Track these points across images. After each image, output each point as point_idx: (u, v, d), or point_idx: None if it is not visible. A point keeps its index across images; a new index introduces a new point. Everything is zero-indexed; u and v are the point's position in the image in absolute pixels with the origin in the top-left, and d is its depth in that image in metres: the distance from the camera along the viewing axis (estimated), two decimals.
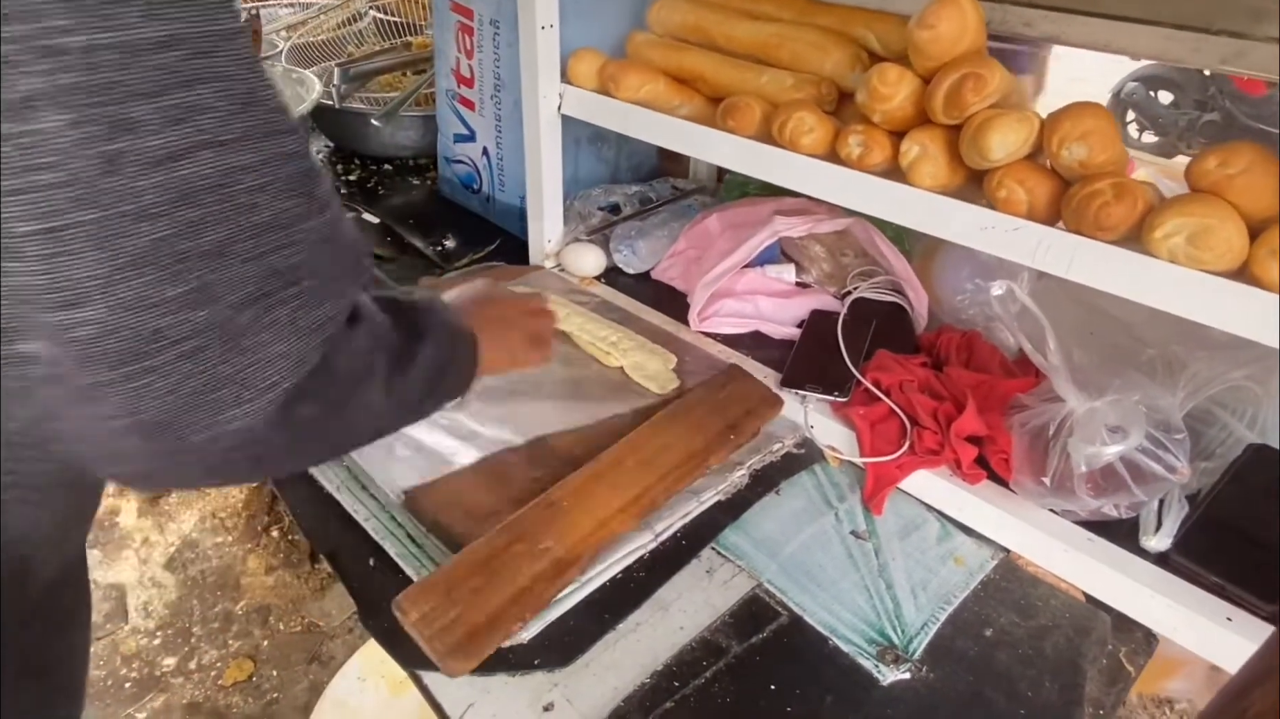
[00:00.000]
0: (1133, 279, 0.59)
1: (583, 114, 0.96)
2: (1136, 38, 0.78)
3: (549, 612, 0.63)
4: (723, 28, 0.89)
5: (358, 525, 0.71)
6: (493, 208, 1.25)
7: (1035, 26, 0.81)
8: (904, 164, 0.70)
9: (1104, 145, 0.61)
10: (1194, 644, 0.64)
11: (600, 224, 1.14)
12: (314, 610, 1.58)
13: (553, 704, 0.58)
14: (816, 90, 0.80)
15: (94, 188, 0.28)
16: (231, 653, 1.51)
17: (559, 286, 1.04)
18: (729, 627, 0.65)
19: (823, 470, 0.81)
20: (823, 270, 1.03)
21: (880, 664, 0.62)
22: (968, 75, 0.64)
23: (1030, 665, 0.63)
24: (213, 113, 0.30)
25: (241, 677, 1.46)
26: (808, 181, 0.76)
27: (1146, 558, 0.68)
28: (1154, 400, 0.68)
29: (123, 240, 0.29)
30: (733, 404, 0.81)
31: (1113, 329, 0.82)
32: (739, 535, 0.73)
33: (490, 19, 1.10)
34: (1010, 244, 0.64)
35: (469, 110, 1.21)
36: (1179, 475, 0.67)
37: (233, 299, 0.32)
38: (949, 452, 0.75)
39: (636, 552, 0.70)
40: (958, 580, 0.70)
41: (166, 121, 0.29)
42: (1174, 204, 0.57)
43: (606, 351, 0.89)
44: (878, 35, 0.82)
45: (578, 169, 1.19)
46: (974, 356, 0.85)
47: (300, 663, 1.50)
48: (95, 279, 0.29)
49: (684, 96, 0.90)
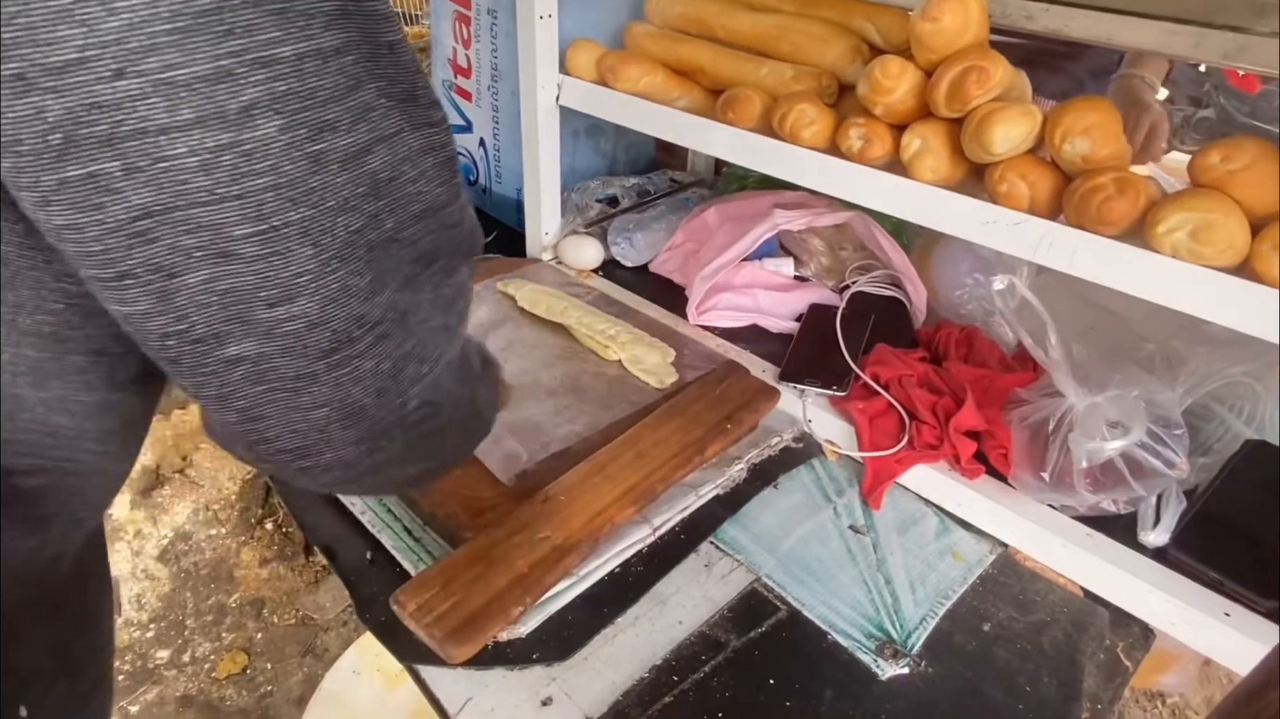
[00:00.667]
0: (1135, 274, 0.59)
1: (581, 105, 0.95)
2: (1138, 31, 0.78)
3: (547, 604, 0.63)
4: (722, 19, 0.88)
5: (354, 518, 0.70)
6: (489, 200, 1.25)
7: (1037, 20, 0.81)
8: (905, 157, 0.69)
9: (1107, 140, 0.61)
10: (1192, 639, 0.64)
11: (598, 216, 1.13)
12: (308, 603, 1.57)
13: (551, 698, 0.58)
14: (817, 82, 0.80)
15: (303, 187, 0.30)
16: (225, 646, 1.50)
17: (556, 279, 1.03)
18: (728, 621, 0.64)
19: (821, 465, 0.80)
20: (821, 264, 1.02)
21: (879, 659, 0.62)
22: (971, 68, 0.64)
23: (1029, 660, 0.63)
24: (381, 110, 0.32)
25: (235, 669, 1.46)
26: (808, 174, 0.76)
27: (1144, 553, 0.68)
28: (1153, 396, 0.68)
29: (328, 235, 0.31)
30: (729, 397, 0.81)
31: (1112, 324, 0.82)
32: (737, 529, 0.73)
33: (488, 8, 1.09)
34: (1012, 238, 0.64)
35: (466, 101, 1.20)
36: (1178, 471, 0.67)
37: (397, 282, 0.34)
38: (948, 446, 0.75)
39: (635, 545, 0.69)
40: (956, 575, 0.70)
41: (353, 120, 0.31)
42: (1176, 199, 0.57)
43: (605, 345, 0.88)
44: (879, 27, 0.81)
45: (575, 161, 1.19)
46: (973, 352, 0.85)
47: (294, 656, 1.49)
48: (306, 273, 0.31)
49: (683, 88, 0.89)
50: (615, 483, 0.70)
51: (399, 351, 0.35)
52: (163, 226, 0.29)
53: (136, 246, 0.29)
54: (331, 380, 0.33)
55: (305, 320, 0.32)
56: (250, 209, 0.29)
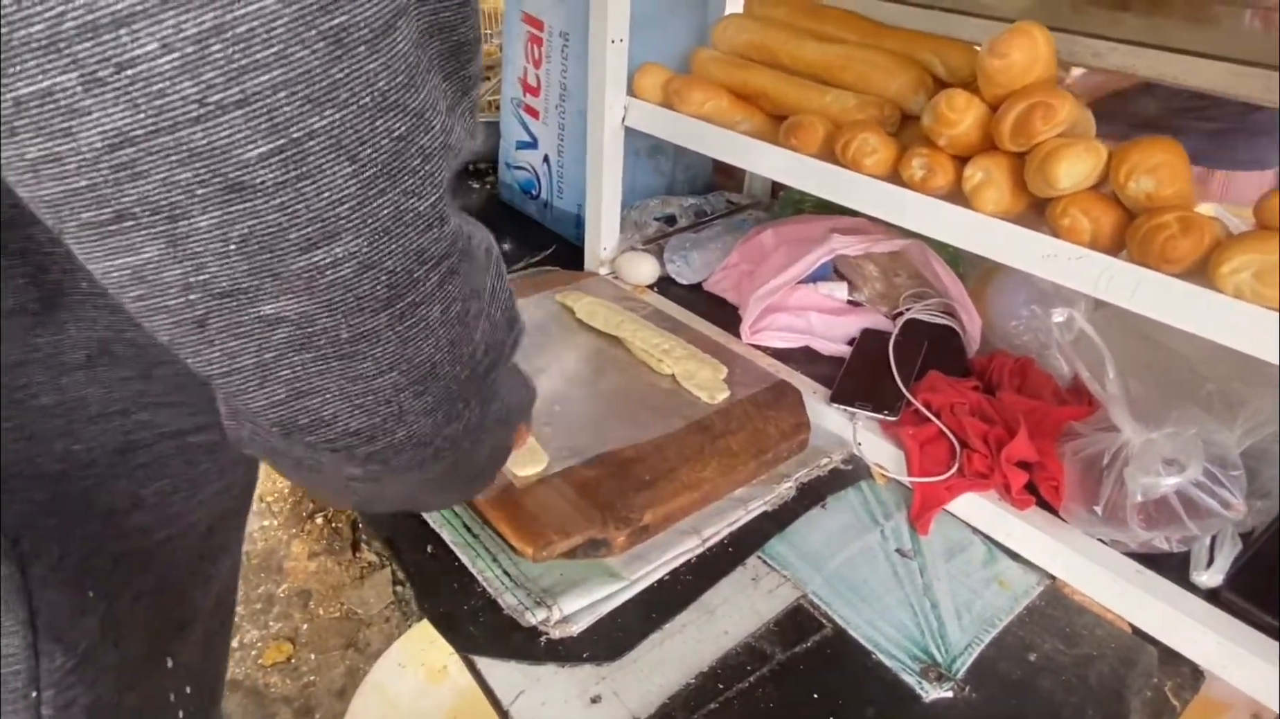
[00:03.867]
0: (1197, 312, 0.59)
1: (647, 126, 0.98)
2: (1206, 72, 0.78)
3: (599, 606, 0.65)
4: (789, 47, 0.91)
5: (415, 513, 0.74)
6: (550, 214, 1.28)
7: (1104, 58, 0.82)
8: (967, 188, 0.71)
9: (1173, 179, 0.62)
10: (1244, 683, 0.63)
11: (655, 234, 1.16)
12: (353, 598, 1.61)
13: (600, 697, 0.60)
14: (880, 112, 0.82)
15: (325, 80, 0.22)
16: (272, 634, 1.55)
17: (612, 293, 1.06)
18: (773, 634, 0.66)
19: (869, 488, 0.81)
20: (875, 290, 1.04)
21: (923, 681, 0.63)
22: (1038, 104, 0.65)
23: (1073, 693, 0.63)
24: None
25: (280, 658, 1.51)
26: (870, 201, 0.77)
27: (1197, 593, 0.67)
28: (1211, 435, 0.68)
29: (368, 146, 0.23)
30: (769, 429, 0.82)
31: (1170, 362, 0.82)
32: (785, 546, 0.74)
33: (560, 31, 1.13)
34: (1073, 272, 0.65)
35: (533, 118, 1.24)
36: (1234, 511, 0.66)
37: (451, 196, 0.28)
38: (998, 475, 0.75)
39: (684, 555, 0.71)
40: (1002, 604, 0.70)
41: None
42: (1242, 240, 0.58)
43: (659, 359, 0.90)
44: (943, 60, 0.83)
45: (635, 180, 1.22)
46: (1026, 383, 0.85)
47: (337, 648, 1.53)
48: (346, 200, 0.24)
49: (746, 113, 0.92)
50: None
51: (465, 289, 0.29)
52: (149, 157, 0.21)
53: (125, 182, 0.22)
54: (398, 335, 0.27)
55: (356, 262, 0.25)
56: (259, 120, 0.22)
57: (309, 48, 0.21)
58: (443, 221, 0.27)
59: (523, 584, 0.66)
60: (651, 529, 0.70)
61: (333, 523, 1.75)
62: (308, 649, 1.54)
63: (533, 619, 0.63)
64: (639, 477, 0.72)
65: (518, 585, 0.66)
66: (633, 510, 0.69)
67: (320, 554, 1.70)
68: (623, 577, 0.67)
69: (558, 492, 0.70)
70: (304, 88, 0.22)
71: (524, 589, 0.66)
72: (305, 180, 0.23)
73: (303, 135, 0.22)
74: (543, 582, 0.67)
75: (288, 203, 0.23)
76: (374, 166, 0.24)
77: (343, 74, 0.22)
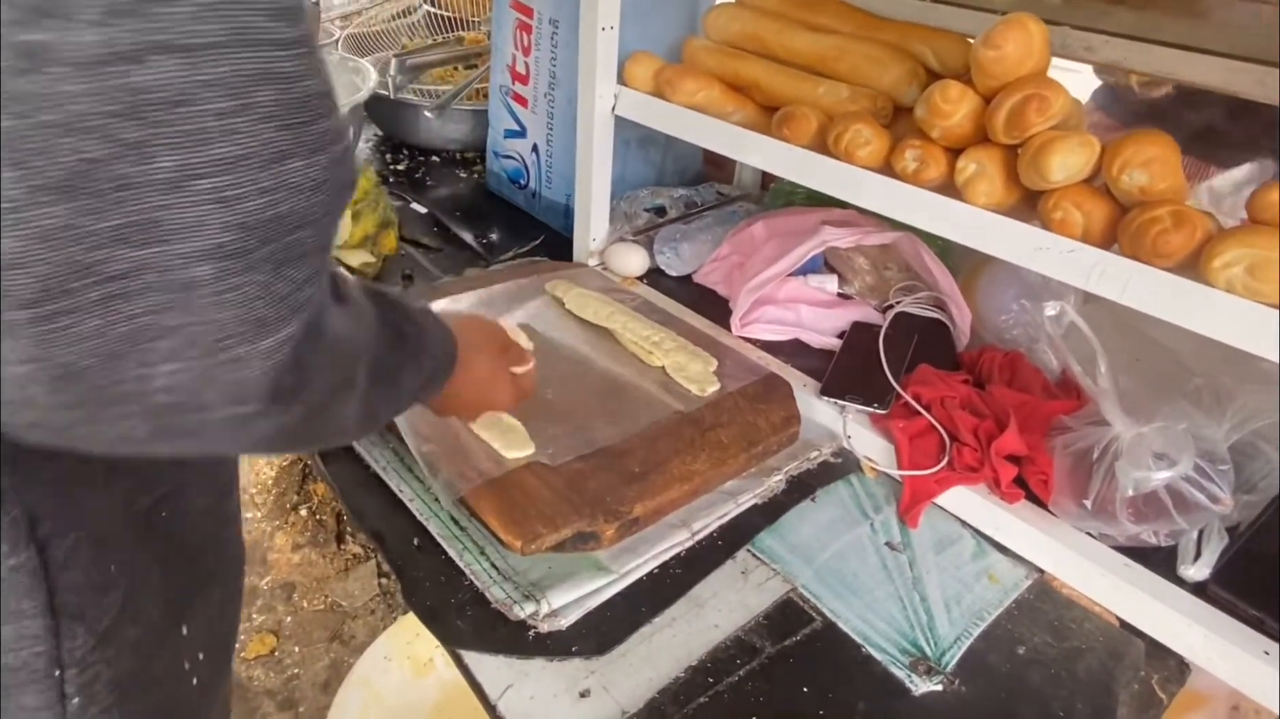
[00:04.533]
0: (1188, 306, 0.59)
1: (637, 116, 0.97)
2: (1199, 67, 0.78)
3: (588, 599, 0.65)
4: (781, 38, 0.90)
5: (403, 506, 0.73)
6: (538, 204, 1.27)
7: (1097, 51, 0.81)
8: (959, 181, 0.70)
9: (1165, 173, 0.62)
10: (1230, 676, 0.64)
11: (645, 225, 1.15)
12: (337, 590, 1.60)
13: (589, 691, 0.59)
14: (873, 103, 0.81)
15: (9, 89, 0.23)
16: (255, 627, 1.54)
17: (601, 284, 1.05)
18: (763, 628, 0.65)
19: (859, 481, 0.81)
20: (865, 282, 1.03)
21: (913, 674, 0.63)
22: (1032, 96, 0.64)
23: (1062, 686, 0.63)
24: (176, 5, 0.24)
25: (264, 651, 1.49)
26: (863, 193, 0.77)
27: (1184, 587, 0.67)
28: (1199, 430, 0.68)
29: (41, 159, 0.24)
30: (760, 422, 0.82)
31: (1159, 356, 0.82)
32: (774, 539, 0.74)
33: (550, 18, 1.12)
34: (1065, 266, 0.64)
35: (521, 107, 1.23)
36: (1222, 506, 0.67)
37: (192, 247, 0.26)
38: (988, 469, 0.75)
39: (673, 548, 0.71)
40: (992, 597, 0.70)
41: (108, 12, 0.23)
42: (1235, 234, 0.58)
43: (649, 351, 0.90)
44: (936, 52, 0.82)
45: (625, 170, 1.21)
46: (1016, 377, 0.85)
47: (321, 641, 1.52)
48: (9, 202, 0.24)
49: (738, 104, 0.91)
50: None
51: (157, 321, 0.27)
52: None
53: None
54: (36, 334, 0.26)
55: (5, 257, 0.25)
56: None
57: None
58: (134, 247, 0.26)
59: (511, 577, 0.66)
60: (641, 522, 0.70)
61: (317, 515, 1.73)
62: (291, 642, 1.52)
63: (521, 613, 0.62)
64: (628, 469, 0.72)
65: (506, 579, 0.66)
66: (622, 503, 0.68)
67: (304, 546, 1.68)
68: (612, 570, 0.67)
69: (546, 484, 0.69)
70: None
71: (512, 582, 0.65)
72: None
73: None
74: (531, 575, 0.66)
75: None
76: (42, 179, 0.24)
77: (27, 89, 0.23)
